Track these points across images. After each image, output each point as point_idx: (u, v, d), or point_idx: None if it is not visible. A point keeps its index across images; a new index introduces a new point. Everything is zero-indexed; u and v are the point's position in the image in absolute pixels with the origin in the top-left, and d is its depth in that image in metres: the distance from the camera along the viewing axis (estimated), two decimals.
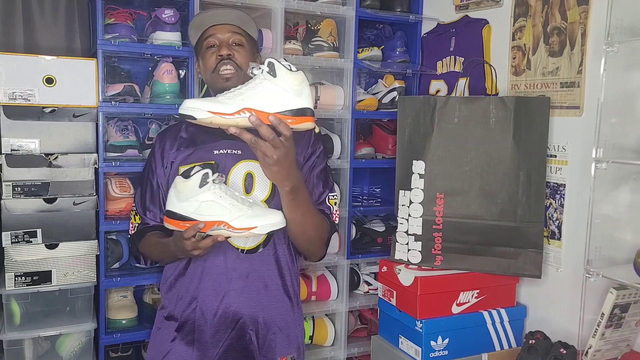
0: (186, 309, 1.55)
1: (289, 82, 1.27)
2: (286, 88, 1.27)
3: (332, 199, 1.65)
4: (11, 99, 1.86)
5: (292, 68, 1.28)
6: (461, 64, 2.34)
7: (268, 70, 1.27)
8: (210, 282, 1.53)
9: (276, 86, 1.26)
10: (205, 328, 1.53)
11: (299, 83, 1.28)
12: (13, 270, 1.89)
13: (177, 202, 1.39)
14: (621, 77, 1.66)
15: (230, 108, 1.26)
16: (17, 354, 1.90)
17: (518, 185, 1.91)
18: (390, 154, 2.47)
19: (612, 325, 1.63)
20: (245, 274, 1.53)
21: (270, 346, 1.57)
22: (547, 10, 1.95)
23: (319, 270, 2.44)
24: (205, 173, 1.35)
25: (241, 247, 1.53)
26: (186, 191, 1.36)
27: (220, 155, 1.55)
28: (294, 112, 1.27)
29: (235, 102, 1.26)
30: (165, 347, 1.57)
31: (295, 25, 2.42)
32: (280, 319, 1.59)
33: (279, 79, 1.26)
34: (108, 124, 2.09)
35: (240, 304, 1.53)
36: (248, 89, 1.28)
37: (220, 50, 1.55)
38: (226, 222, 1.34)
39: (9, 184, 1.88)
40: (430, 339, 1.90)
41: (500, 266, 1.95)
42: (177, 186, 1.38)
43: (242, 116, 1.25)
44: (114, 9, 2.05)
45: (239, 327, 1.54)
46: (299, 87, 1.28)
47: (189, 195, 1.36)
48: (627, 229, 1.72)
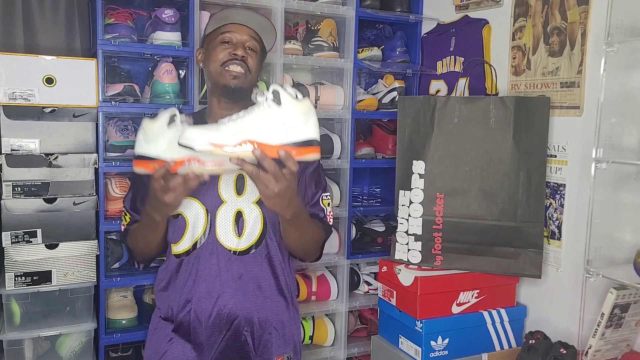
0: (180, 311, 1.55)
1: (294, 111, 1.20)
2: (291, 118, 1.20)
3: (326, 199, 1.65)
4: (11, 99, 1.86)
5: (297, 96, 1.22)
6: (461, 64, 2.33)
7: (272, 98, 1.21)
8: (204, 285, 1.52)
9: (281, 116, 1.20)
10: (200, 330, 1.53)
11: (305, 112, 1.21)
12: (13, 270, 1.89)
13: (145, 144, 1.34)
14: (621, 77, 1.66)
15: (232, 139, 1.19)
16: (17, 354, 1.90)
17: (518, 185, 1.90)
18: (390, 154, 2.47)
19: (612, 325, 1.63)
20: (238, 275, 1.53)
21: (266, 346, 1.57)
22: (547, 10, 1.95)
23: (319, 270, 2.44)
24: (173, 114, 1.32)
25: (233, 248, 1.53)
26: (154, 132, 1.32)
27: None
28: (300, 144, 1.21)
29: (237, 132, 1.20)
30: (162, 347, 1.56)
31: (295, 25, 2.42)
32: (276, 318, 1.59)
33: (283, 108, 1.20)
34: (108, 124, 2.09)
35: (234, 305, 1.53)
36: (251, 118, 1.21)
37: (236, 50, 1.54)
38: (196, 157, 1.26)
39: (9, 184, 1.88)
40: (430, 339, 1.90)
41: (500, 266, 1.95)
42: (145, 128, 1.34)
43: (244, 148, 1.19)
44: (114, 9, 2.05)
45: (234, 328, 1.53)
46: (304, 117, 1.21)
47: (157, 136, 1.32)
48: (627, 229, 1.72)
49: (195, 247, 1.53)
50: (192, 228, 1.52)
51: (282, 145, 1.20)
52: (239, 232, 1.52)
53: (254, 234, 1.54)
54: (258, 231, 1.54)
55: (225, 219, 1.52)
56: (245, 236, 1.53)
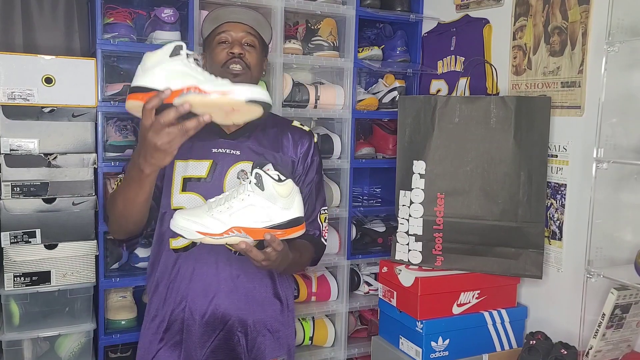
0: (175, 308, 1.53)
1: (277, 194, 1.26)
2: (275, 201, 1.26)
3: (323, 214, 1.66)
4: (10, 99, 1.86)
5: (280, 178, 1.27)
6: (462, 63, 2.33)
7: (255, 182, 1.26)
8: (201, 283, 1.51)
9: (264, 200, 1.26)
10: (193, 328, 1.52)
11: (287, 194, 1.27)
12: (12, 270, 1.88)
13: (142, 75, 1.19)
14: (622, 77, 1.65)
15: (219, 227, 1.25)
16: (16, 354, 1.90)
17: (519, 185, 1.90)
18: (390, 153, 2.46)
19: (613, 326, 1.63)
20: (235, 275, 1.52)
21: (259, 349, 1.56)
22: (548, 10, 1.94)
23: (319, 270, 2.44)
24: (179, 45, 1.19)
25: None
26: (154, 61, 1.19)
27: (218, 154, 1.53)
28: (285, 225, 1.28)
29: (224, 221, 1.25)
30: (153, 348, 1.56)
31: (295, 24, 2.42)
32: (270, 321, 1.58)
33: (266, 192, 1.25)
34: (107, 124, 2.08)
35: (229, 306, 1.52)
36: (237, 205, 1.26)
37: (233, 48, 1.54)
38: (195, 85, 1.15)
39: (8, 184, 1.88)
40: (431, 340, 1.90)
41: (501, 266, 1.95)
42: (145, 60, 1.21)
43: (231, 235, 1.26)
44: (113, 8, 2.05)
45: (228, 328, 1.52)
46: (288, 199, 1.27)
47: (156, 65, 1.18)
48: (628, 229, 1.72)
49: (195, 243, 1.51)
50: None
51: (267, 229, 1.27)
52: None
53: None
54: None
55: None
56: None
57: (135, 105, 1.18)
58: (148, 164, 1.23)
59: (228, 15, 1.58)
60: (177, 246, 1.53)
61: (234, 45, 1.55)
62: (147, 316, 1.62)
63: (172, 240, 1.53)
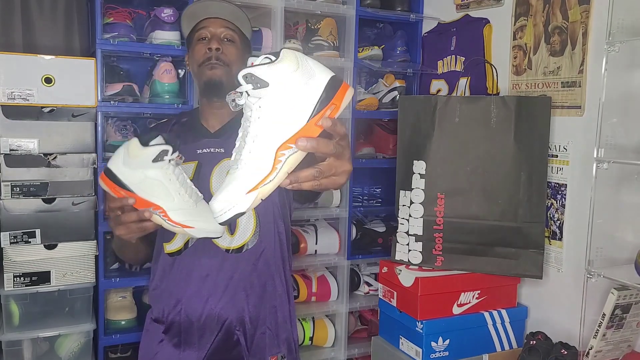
0: (171, 311, 1.52)
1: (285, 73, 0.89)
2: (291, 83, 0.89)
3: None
4: (10, 99, 1.86)
5: (271, 58, 0.91)
6: (462, 63, 2.33)
7: (252, 86, 0.89)
8: (195, 284, 1.50)
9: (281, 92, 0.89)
10: (191, 331, 1.51)
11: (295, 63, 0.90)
12: (12, 270, 1.88)
13: (121, 165, 1.20)
14: (622, 77, 1.65)
15: (263, 167, 0.90)
16: (16, 354, 1.90)
17: (519, 185, 1.90)
18: (390, 153, 2.46)
19: (613, 326, 1.63)
20: (230, 275, 1.50)
21: (259, 346, 1.55)
22: (548, 10, 1.94)
23: (319, 270, 2.44)
24: (165, 150, 1.18)
25: (226, 246, 1.50)
26: (137, 159, 1.19)
27: (203, 155, 1.51)
28: (326, 96, 0.89)
29: (260, 152, 0.90)
30: (153, 348, 1.55)
31: (295, 24, 2.41)
32: (269, 318, 1.56)
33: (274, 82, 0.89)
34: (107, 124, 2.09)
35: (225, 306, 1.50)
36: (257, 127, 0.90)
37: (210, 43, 1.52)
38: (164, 209, 1.19)
39: (8, 184, 1.87)
40: (431, 340, 1.89)
41: (501, 267, 1.95)
42: (130, 149, 1.19)
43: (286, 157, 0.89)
44: (113, 8, 2.05)
45: (226, 328, 1.51)
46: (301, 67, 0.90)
47: (138, 165, 1.19)
48: (629, 229, 1.72)
49: (187, 246, 1.50)
50: None
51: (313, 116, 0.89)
52: (231, 229, 1.49)
53: (248, 231, 1.51)
54: (252, 228, 1.51)
55: None
56: (238, 234, 1.50)
57: (106, 189, 1.24)
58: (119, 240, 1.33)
59: (205, 11, 1.55)
60: (170, 250, 1.52)
61: (212, 40, 1.52)
62: (148, 317, 1.62)
63: (166, 245, 1.52)
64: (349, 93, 0.91)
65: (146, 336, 1.60)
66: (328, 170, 0.94)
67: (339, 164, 0.95)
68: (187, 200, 1.21)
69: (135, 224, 1.22)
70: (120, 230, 1.24)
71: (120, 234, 1.25)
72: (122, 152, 1.21)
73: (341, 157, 0.95)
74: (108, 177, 1.22)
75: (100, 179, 1.24)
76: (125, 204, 1.20)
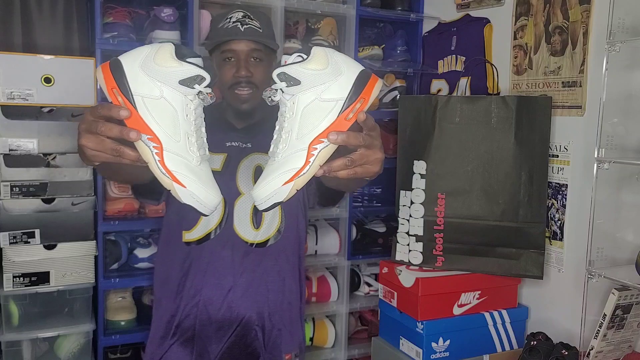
0: (188, 302, 1.50)
1: (316, 72, 0.93)
2: (321, 80, 0.93)
3: None
4: (9, 99, 1.85)
5: (302, 56, 0.95)
6: (462, 63, 2.32)
7: (286, 84, 0.94)
8: (216, 276, 1.48)
9: (311, 89, 0.94)
10: (208, 324, 1.50)
11: (325, 62, 0.94)
12: (11, 271, 1.88)
13: (137, 66, 0.92)
14: (623, 77, 1.65)
15: (297, 160, 0.93)
16: (15, 355, 1.89)
17: (520, 185, 1.89)
18: (391, 154, 2.45)
19: (614, 327, 1.62)
20: (252, 268, 1.49)
21: (275, 343, 1.55)
22: (549, 10, 1.94)
23: (319, 271, 2.43)
24: (201, 77, 0.93)
25: (251, 240, 1.49)
26: (162, 68, 0.91)
27: (231, 147, 1.51)
28: (355, 90, 0.93)
29: (295, 145, 0.93)
30: (165, 343, 1.53)
31: (296, 23, 2.41)
32: (286, 315, 1.57)
33: (306, 81, 0.93)
34: None
35: (246, 300, 1.49)
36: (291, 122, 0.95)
37: (239, 71, 1.45)
38: (162, 144, 0.91)
39: (7, 184, 1.87)
40: (431, 341, 1.89)
41: (501, 267, 1.94)
42: (159, 52, 0.92)
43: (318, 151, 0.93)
44: (112, 7, 2.04)
45: (245, 323, 1.50)
46: (331, 65, 0.94)
47: (160, 76, 0.91)
48: (629, 229, 1.71)
49: (209, 237, 1.48)
50: (207, 217, 1.43)
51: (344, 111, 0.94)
52: (256, 224, 1.49)
53: (273, 227, 1.51)
54: (276, 224, 1.51)
55: (243, 210, 1.48)
56: (263, 228, 1.49)
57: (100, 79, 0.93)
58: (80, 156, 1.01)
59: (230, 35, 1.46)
60: (190, 239, 1.49)
61: (240, 66, 1.45)
62: (155, 313, 1.59)
63: (185, 233, 1.50)
64: (377, 86, 0.95)
65: (155, 331, 1.57)
66: (360, 160, 0.96)
67: (370, 153, 0.98)
68: (193, 151, 0.95)
69: (111, 142, 0.91)
70: (87, 141, 0.92)
71: (84, 145, 0.93)
72: (146, 51, 0.93)
73: (372, 147, 0.98)
74: (112, 70, 0.92)
75: (100, 69, 0.94)
76: (114, 114, 0.90)
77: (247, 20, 1.47)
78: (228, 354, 1.50)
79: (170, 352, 1.52)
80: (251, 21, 1.47)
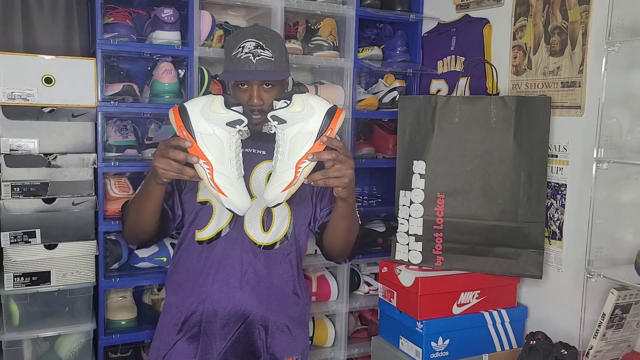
0: (195, 300, 1.55)
1: (296, 113, 1.34)
2: (300, 118, 1.34)
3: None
4: (10, 99, 1.86)
5: (287, 103, 1.35)
6: (462, 63, 2.33)
7: (277, 123, 1.37)
8: (225, 276, 1.53)
9: (294, 125, 1.35)
10: (214, 320, 1.53)
11: (302, 105, 1.35)
12: (12, 270, 1.88)
13: (197, 111, 1.34)
14: (622, 77, 1.65)
15: (289, 173, 1.34)
16: (16, 354, 1.90)
17: (519, 185, 1.90)
18: (390, 154, 2.46)
19: (613, 326, 1.63)
20: (259, 269, 1.54)
21: (277, 345, 1.58)
22: (548, 10, 1.94)
23: (319, 270, 2.44)
24: (241, 120, 1.35)
25: (259, 242, 1.55)
26: (214, 114, 1.33)
27: (244, 154, 1.51)
28: (324, 123, 1.34)
29: (287, 164, 1.35)
30: (170, 339, 1.57)
31: (295, 24, 2.41)
32: (289, 318, 1.61)
33: (290, 120, 1.35)
34: (107, 124, 2.08)
35: (252, 300, 1.54)
36: (283, 149, 1.37)
37: (251, 99, 1.49)
38: (212, 167, 1.34)
39: (8, 184, 1.87)
40: (431, 340, 1.90)
41: (501, 266, 1.95)
42: (213, 102, 1.34)
43: (303, 167, 1.34)
44: (113, 8, 2.05)
45: (249, 322, 1.54)
46: (307, 107, 1.34)
47: (213, 120, 1.33)
48: (628, 229, 1.72)
49: (220, 235, 1.54)
50: (218, 216, 1.54)
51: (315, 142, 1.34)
52: (266, 227, 1.55)
53: (281, 231, 1.56)
54: (285, 229, 1.56)
55: (254, 212, 1.54)
56: (272, 232, 1.55)
57: (172, 122, 1.36)
58: (153, 178, 1.40)
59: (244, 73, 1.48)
60: (202, 238, 1.55)
61: (252, 95, 1.49)
62: (164, 309, 1.63)
63: (198, 232, 1.56)
64: (341, 117, 1.36)
65: (162, 327, 1.61)
66: (334, 172, 1.34)
67: (342, 167, 1.35)
68: (233, 171, 1.36)
69: (178, 164, 1.31)
70: (161, 163, 1.31)
71: (158, 166, 1.32)
72: (205, 101, 1.35)
73: (342, 160, 1.34)
74: (180, 114, 1.34)
75: (172, 112, 1.35)
76: (181, 144, 1.31)
77: (259, 51, 1.48)
78: (231, 351, 1.54)
79: (176, 348, 1.55)
80: (263, 51, 1.48)
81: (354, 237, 1.61)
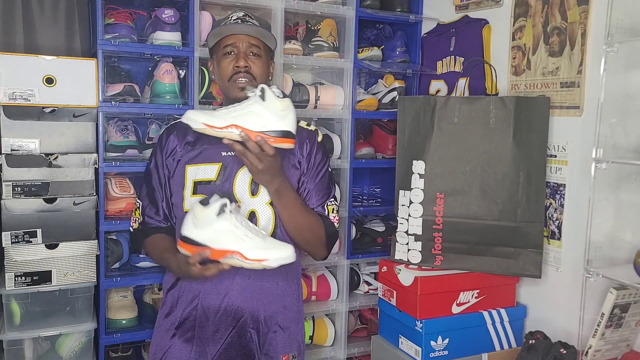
0: (187, 306, 1.56)
1: (275, 107, 1.41)
2: (272, 112, 1.42)
3: (330, 205, 1.66)
4: (11, 99, 1.86)
5: (280, 95, 1.42)
6: (461, 64, 2.33)
7: (260, 94, 1.42)
8: (214, 281, 1.53)
9: (264, 109, 1.42)
10: (206, 325, 1.54)
11: (284, 109, 1.42)
12: (13, 270, 1.89)
13: (193, 229, 1.41)
14: (621, 77, 1.66)
15: (222, 122, 1.41)
16: (17, 354, 1.90)
17: (518, 185, 1.90)
18: (390, 154, 2.47)
19: (612, 325, 1.63)
20: (248, 272, 1.54)
21: (271, 344, 1.59)
22: (547, 10, 1.95)
23: (319, 270, 2.44)
24: (224, 203, 1.39)
25: None
26: (203, 218, 1.39)
27: (227, 157, 1.55)
28: (276, 134, 1.43)
29: (228, 118, 1.42)
30: (165, 343, 1.58)
31: (295, 25, 2.42)
32: (282, 317, 1.61)
33: (267, 103, 1.41)
34: (108, 124, 2.09)
35: (242, 302, 1.54)
36: (241, 109, 1.43)
37: (238, 61, 1.56)
38: (240, 251, 1.39)
39: (9, 184, 1.88)
40: (430, 339, 1.90)
41: (500, 266, 1.95)
42: (195, 212, 1.41)
43: (231, 131, 1.41)
44: (114, 8, 2.06)
45: (240, 325, 1.55)
46: (283, 113, 1.42)
47: (206, 223, 1.39)
48: (627, 229, 1.72)
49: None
50: None
51: (260, 132, 1.41)
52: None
53: (267, 231, 1.55)
54: (270, 230, 1.56)
55: None
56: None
57: (186, 253, 1.43)
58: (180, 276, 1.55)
59: (231, 29, 1.59)
60: None
61: (239, 57, 1.57)
62: (161, 312, 1.64)
63: None
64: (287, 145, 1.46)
65: (158, 330, 1.62)
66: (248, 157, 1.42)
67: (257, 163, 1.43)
68: (255, 239, 1.41)
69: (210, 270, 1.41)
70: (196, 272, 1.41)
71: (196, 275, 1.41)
72: (189, 217, 1.44)
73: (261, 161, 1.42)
74: (185, 242, 1.43)
75: (179, 246, 1.45)
76: (203, 256, 1.39)
77: (247, 18, 1.60)
78: (225, 355, 1.55)
79: (173, 347, 1.57)
80: (251, 19, 1.60)
81: (311, 235, 1.60)
